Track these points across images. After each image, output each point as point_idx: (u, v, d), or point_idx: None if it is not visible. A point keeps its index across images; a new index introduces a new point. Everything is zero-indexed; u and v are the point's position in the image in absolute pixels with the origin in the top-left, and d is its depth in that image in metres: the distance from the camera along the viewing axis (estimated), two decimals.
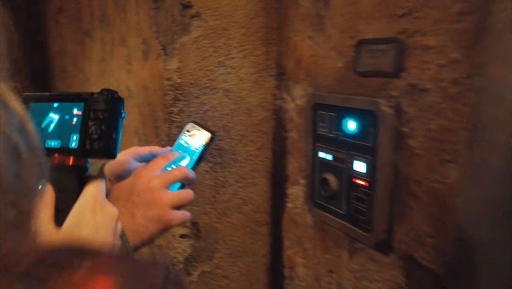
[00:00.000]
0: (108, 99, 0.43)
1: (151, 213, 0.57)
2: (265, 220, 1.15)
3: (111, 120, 0.42)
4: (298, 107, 1.03)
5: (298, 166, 1.05)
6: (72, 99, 0.43)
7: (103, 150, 0.42)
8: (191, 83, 0.98)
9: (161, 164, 0.62)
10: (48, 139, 0.42)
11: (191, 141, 0.68)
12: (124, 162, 0.66)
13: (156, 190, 0.58)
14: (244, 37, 1.03)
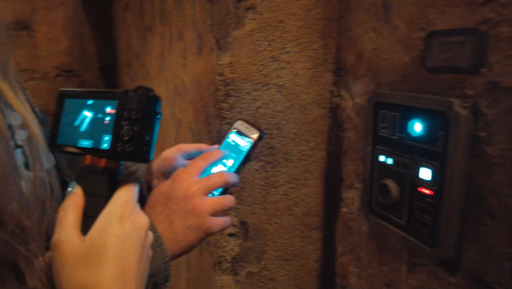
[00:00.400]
0: (142, 98, 0.39)
1: (190, 221, 0.54)
2: (316, 224, 1.09)
3: (144, 121, 0.39)
4: (357, 106, 0.95)
5: (355, 168, 0.97)
6: (106, 97, 0.40)
7: (135, 153, 0.38)
8: (243, 79, 0.94)
9: (200, 165, 0.58)
10: (81, 139, 0.40)
11: (238, 140, 0.64)
12: (171, 158, 0.64)
13: (195, 197, 0.55)
14: (300, 30, 0.98)
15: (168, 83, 1.50)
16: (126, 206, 0.37)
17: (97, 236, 0.35)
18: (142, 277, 0.38)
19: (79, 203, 0.37)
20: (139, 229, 0.38)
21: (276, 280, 1.08)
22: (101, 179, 0.39)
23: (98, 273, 0.34)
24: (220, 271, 1.03)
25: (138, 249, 0.37)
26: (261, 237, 1.04)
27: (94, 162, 0.39)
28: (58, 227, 0.35)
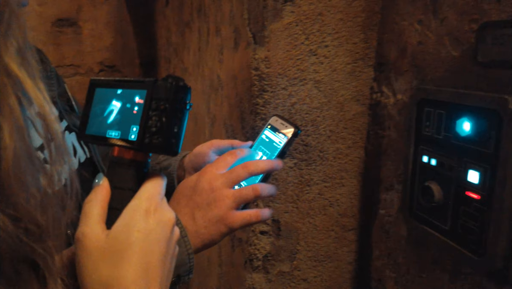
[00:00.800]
0: (172, 87, 0.37)
1: (211, 214, 0.53)
2: (352, 225, 1.05)
3: (173, 112, 0.37)
4: (400, 103, 0.90)
5: (395, 169, 0.93)
6: (136, 86, 0.38)
7: (162, 145, 0.36)
8: (279, 74, 0.92)
9: (228, 161, 0.57)
10: (109, 129, 0.38)
11: (273, 136, 0.62)
12: (204, 154, 0.63)
13: (217, 190, 0.54)
14: (340, 23, 0.94)
15: (205, 78, 1.50)
16: (152, 200, 0.36)
17: (121, 230, 0.34)
18: (167, 274, 0.36)
19: (105, 196, 0.36)
20: (164, 224, 0.36)
21: (308, 280, 1.05)
22: (128, 171, 0.38)
23: (121, 270, 0.33)
24: (251, 268, 1.01)
25: (163, 245, 0.36)
26: (294, 236, 1.01)
27: (122, 153, 0.38)
28: (82, 220, 0.35)
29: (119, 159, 0.38)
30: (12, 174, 0.24)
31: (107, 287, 0.32)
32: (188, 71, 1.84)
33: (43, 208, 0.26)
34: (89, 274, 0.33)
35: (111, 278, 0.32)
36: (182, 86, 0.38)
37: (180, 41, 2.03)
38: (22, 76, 0.25)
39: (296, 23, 0.91)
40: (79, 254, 0.33)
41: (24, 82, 0.25)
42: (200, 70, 1.56)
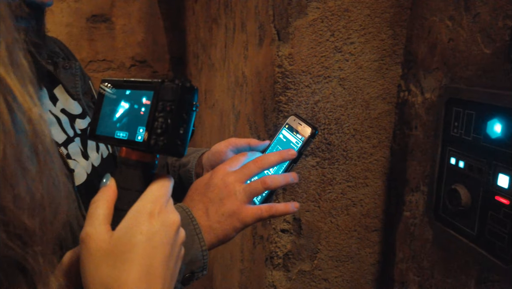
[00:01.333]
0: (178, 88, 0.37)
1: (224, 208, 0.53)
2: (375, 226, 1.02)
3: (179, 113, 0.37)
4: (428, 102, 0.87)
5: (421, 170, 0.90)
6: (143, 87, 0.38)
7: (167, 146, 0.36)
8: (303, 71, 0.90)
9: (240, 160, 0.58)
10: (117, 130, 0.39)
11: (290, 137, 0.61)
12: (222, 152, 0.64)
13: (230, 185, 0.54)
14: (368, 19, 0.91)
15: (230, 74, 1.50)
16: (157, 202, 0.36)
17: (124, 232, 0.34)
18: (170, 277, 0.36)
19: (111, 196, 0.36)
20: (168, 227, 0.36)
21: (329, 280, 1.04)
22: (135, 172, 0.38)
23: (123, 272, 0.33)
24: (272, 266, 1.01)
25: (167, 248, 0.35)
26: (315, 236, 1.00)
27: (129, 154, 0.38)
28: (87, 220, 0.35)
29: (126, 159, 0.38)
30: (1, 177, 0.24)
31: (109, 288, 0.32)
32: (215, 67, 1.85)
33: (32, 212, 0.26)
34: (91, 275, 0.33)
35: (113, 279, 0.32)
36: (189, 88, 0.38)
37: (208, 37, 2.04)
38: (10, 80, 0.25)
39: (321, 19, 0.89)
40: (83, 254, 0.33)
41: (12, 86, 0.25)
42: (226, 66, 1.57)
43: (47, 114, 0.55)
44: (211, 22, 1.92)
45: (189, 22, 2.76)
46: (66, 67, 0.59)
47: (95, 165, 0.58)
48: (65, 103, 0.58)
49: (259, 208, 0.55)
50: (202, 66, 2.28)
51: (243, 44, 1.28)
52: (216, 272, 1.95)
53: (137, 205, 0.36)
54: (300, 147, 0.59)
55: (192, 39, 2.67)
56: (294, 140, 0.60)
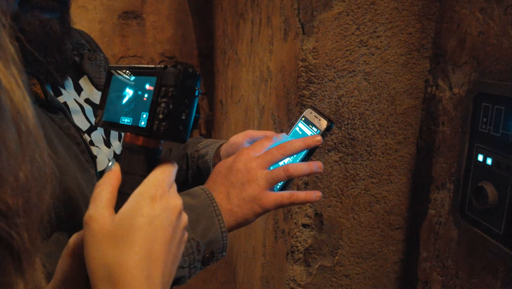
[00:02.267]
0: (180, 74, 0.37)
1: (245, 193, 0.54)
2: (399, 224, 1.01)
3: (181, 99, 0.37)
4: (456, 97, 0.85)
5: (447, 167, 0.87)
6: (147, 73, 0.39)
7: (169, 131, 0.37)
8: (327, 65, 0.90)
9: (265, 144, 0.58)
10: (122, 116, 0.39)
11: (305, 129, 0.61)
12: (239, 144, 0.65)
13: (252, 170, 0.54)
14: (395, 12, 0.89)
15: (255, 69, 1.50)
16: (159, 186, 0.36)
17: (126, 215, 0.35)
18: (171, 261, 0.37)
19: (116, 180, 0.37)
20: (170, 211, 0.36)
21: (350, 277, 1.03)
22: (139, 157, 0.38)
23: (123, 254, 0.33)
24: (293, 260, 1.01)
25: (168, 232, 0.36)
26: (337, 231, 0.99)
27: (133, 140, 0.38)
28: (91, 203, 0.36)
29: (131, 145, 0.38)
30: None
31: (110, 270, 0.33)
32: (241, 62, 1.86)
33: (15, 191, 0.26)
34: (93, 257, 0.34)
35: (114, 261, 0.33)
36: (191, 73, 0.38)
37: (235, 33, 2.05)
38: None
39: (347, 12, 0.88)
40: (86, 236, 0.34)
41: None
42: (252, 61, 1.58)
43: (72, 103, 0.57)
44: (238, 17, 1.93)
45: (217, 18, 2.79)
46: (91, 58, 0.61)
47: (117, 152, 0.60)
48: (89, 93, 0.60)
49: (281, 195, 0.55)
50: (229, 61, 2.30)
51: (269, 38, 1.28)
52: (239, 266, 1.97)
53: (139, 188, 0.36)
54: None
55: (220, 35, 2.69)
56: (309, 133, 0.60)
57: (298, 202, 0.56)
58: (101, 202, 0.36)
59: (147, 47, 3.40)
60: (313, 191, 0.57)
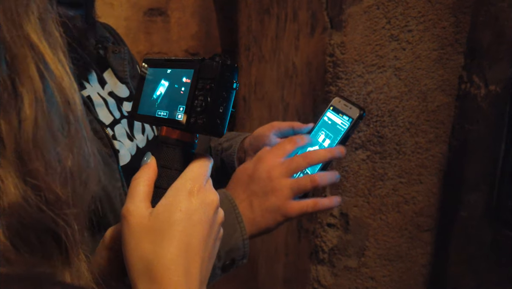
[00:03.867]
0: (218, 66, 0.36)
1: (268, 203, 0.52)
2: (428, 225, 0.97)
3: (219, 92, 0.36)
4: (492, 94, 0.81)
5: (482, 168, 0.83)
6: (183, 66, 0.38)
7: (207, 125, 0.36)
8: (355, 60, 0.87)
9: (287, 149, 0.55)
10: (158, 109, 0.39)
11: (335, 118, 0.58)
12: (264, 136, 0.62)
13: (275, 179, 0.52)
14: (428, 5, 0.86)
15: (280, 65, 1.49)
16: (196, 181, 0.36)
17: (164, 209, 0.34)
18: (208, 256, 0.36)
19: (152, 174, 0.37)
20: (207, 206, 0.36)
21: (376, 279, 1.00)
22: (175, 151, 0.38)
23: (162, 248, 0.33)
24: (316, 260, 0.99)
25: (205, 227, 0.35)
26: (363, 232, 0.97)
27: (169, 133, 0.38)
28: (128, 197, 0.36)
29: (166, 138, 0.38)
30: (32, 144, 0.24)
31: (148, 264, 0.33)
32: (265, 59, 1.85)
33: (63, 181, 0.26)
34: (132, 250, 0.33)
35: (153, 255, 0.33)
36: (229, 66, 0.37)
37: (260, 29, 2.04)
38: (43, 47, 0.25)
39: (377, 6, 0.85)
40: (124, 230, 0.34)
41: (45, 53, 0.25)
42: (276, 57, 1.56)
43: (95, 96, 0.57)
44: (263, 13, 1.91)
45: (242, 14, 2.78)
46: (115, 51, 0.61)
47: (140, 146, 0.60)
48: (113, 86, 0.60)
49: (306, 204, 0.53)
50: (253, 58, 2.29)
51: (295, 34, 1.26)
52: (261, 265, 1.96)
53: (177, 183, 0.36)
54: (348, 128, 0.56)
55: (244, 31, 2.68)
56: (340, 122, 0.57)
57: (322, 209, 0.55)
58: (138, 196, 0.35)
59: (171, 44, 3.42)
60: (334, 197, 0.56)
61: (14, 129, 0.24)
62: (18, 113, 0.24)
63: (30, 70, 0.24)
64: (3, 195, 0.23)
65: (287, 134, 0.62)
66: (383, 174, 0.93)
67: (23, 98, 0.24)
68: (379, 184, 0.94)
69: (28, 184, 0.24)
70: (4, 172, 0.23)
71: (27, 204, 0.24)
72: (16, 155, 0.24)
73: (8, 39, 0.23)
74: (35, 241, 0.25)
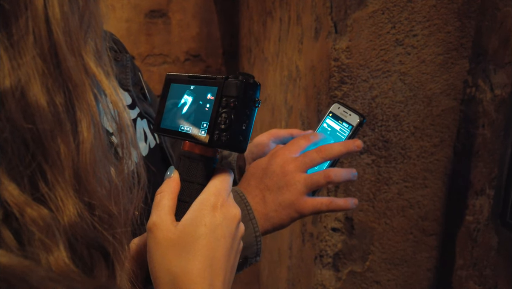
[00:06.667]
0: (242, 85, 0.37)
1: (282, 198, 0.52)
2: (434, 230, 0.97)
3: (242, 109, 0.37)
4: (497, 99, 0.81)
5: (487, 172, 0.83)
6: (207, 83, 0.39)
7: (230, 142, 0.37)
8: (361, 65, 0.87)
9: (301, 144, 0.54)
10: (182, 124, 0.40)
11: (335, 126, 0.58)
12: (264, 144, 0.63)
13: (289, 174, 0.52)
14: (433, 10, 0.86)
15: (283, 69, 1.49)
16: (219, 196, 0.37)
17: (189, 223, 0.35)
18: (230, 270, 0.37)
19: (175, 188, 0.38)
20: (230, 220, 0.37)
21: (381, 283, 1.00)
22: (197, 165, 0.39)
23: (188, 262, 0.34)
24: (321, 265, 0.99)
25: (228, 241, 0.36)
26: (368, 236, 0.97)
27: (192, 148, 0.39)
28: (153, 210, 0.36)
29: (189, 153, 0.39)
30: (89, 165, 0.26)
31: (175, 277, 0.34)
32: (268, 61, 1.85)
33: (115, 198, 0.28)
34: (158, 263, 0.34)
35: (179, 269, 0.34)
36: (252, 84, 0.38)
37: (262, 31, 2.04)
38: (98, 74, 0.27)
39: (382, 11, 0.85)
40: (150, 244, 0.35)
41: (100, 80, 0.27)
42: (279, 60, 1.56)
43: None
44: (265, 15, 1.91)
45: (243, 16, 2.78)
46: (118, 59, 0.61)
47: (143, 154, 0.60)
48: None
49: (320, 201, 0.53)
50: (255, 60, 2.29)
51: (298, 37, 1.26)
52: (263, 267, 1.96)
53: (200, 197, 0.37)
54: (348, 136, 0.56)
55: (246, 33, 2.68)
56: (339, 128, 0.57)
57: (336, 209, 0.54)
58: (163, 209, 0.36)
59: (172, 46, 3.42)
60: (350, 198, 0.55)
61: (73, 152, 0.25)
62: (76, 137, 0.25)
63: (88, 96, 0.26)
64: (64, 215, 0.24)
65: (286, 141, 0.62)
66: (388, 178, 0.93)
67: (82, 122, 0.26)
68: (384, 188, 0.94)
69: (84, 203, 0.26)
70: (64, 192, 0.25)
71: (84, 223, 0.25)
72: (74, 176, 0.25)
73: (70, 68, 0.25)
74: (86, 258, 0.26)
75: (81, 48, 0.26)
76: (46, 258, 0.23)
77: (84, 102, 0.26)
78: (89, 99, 0.26)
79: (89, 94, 0.26)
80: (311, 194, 0.54)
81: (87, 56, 0.26)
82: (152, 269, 0.35)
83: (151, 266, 0.35)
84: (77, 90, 0.25)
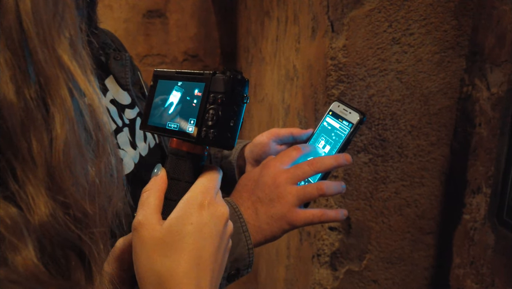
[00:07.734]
0: (229, 80, 0.36)
1: (274, 210, 0.52)
2: (431, 228, 0.97)
3: (230, 105, 0.36)
4: (494, 97, 0.81)
5: (484, 170, 0.83)
6: (195, 79, 0.38)
7: (217, 138, 0.36)
8: (357, 63, 0.87)
9: (293, 156, 0.55)
10: (169, 121, 0.39)
11: (335, 124, 0.58)
12: (264, 144, 0.62)
13: (281, 186, 0.52)
14: (430, 9, 0.86)
15: (281, 68, 1.48)
16: (206, 194, 0.36)
17: (175, 222, 0.34)
18: (218, 269, 0.36)
19: (162, 186, 0.37)
20: (218, 219, 0.36)
21: (379, 282, 1.00)
22: (185, 163, 0.38)
23: (173, 262, 0.33)
24: (319, 264, 0.99)
25: (216, 240, 0.35)
26: (365, 235, 0.97)
27: (179, 145, 0.38)
28: (139, 209, 0.36)
29: (177, 150, 0.38)
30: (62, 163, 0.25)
31: (160, 277, 0.33)
32: (265, 61, 1.85)
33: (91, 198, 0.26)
34: (143, 262, 0.33)
35: (164, 268, 0.33)
36: (240, 80, 0.37)
37: (259, 30, 2.04)
38: (73, 68, 0.26)
39: (379, 9, 0.85)
40: (135, 243, 0.34)
41: (75, 74, 0.26)
42: (277, 60, 1.56)
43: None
44: (263, 15, 1.91)
45: (241, 16, 2.78)
46: (117, 58, 0.60)
47: (143, 154, 0.59)
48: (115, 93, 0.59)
49: (311, 213, 0.53)
50: (252, 60, 2.29)
51: (295, 36, 1.26)
52: (261, 267, 1.96)
53: (187, 195, 0.36)
54: (348, 134, 0.56)
55: (243, 33, 2.68)
56: (340, 128, 0.57)
57: (328, 220, 0.54)
58: (149, 208, 0.35)
59: (170, 46, 3.42)
60: (340, 210, 0.56)
61: (45, 148, 0.24)
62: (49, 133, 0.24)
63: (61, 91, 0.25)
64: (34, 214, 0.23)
65: (286, 141, 0.62)
66: (385, 177, 0.93)
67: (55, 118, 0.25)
68: (381, 187, 0.94)
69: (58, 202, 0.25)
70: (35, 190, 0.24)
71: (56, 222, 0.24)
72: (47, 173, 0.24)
73: (42, 61, 0.24)
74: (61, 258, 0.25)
75: (54, 40, 0.25)
76: (13, 258, 0.23)
77: (57, 97, 0.25)
78: (63, 94, 0.25)
79: (63, 88, 0.25)
80: (302, 206, 0.55)
81: (61, 49, 0.25)
82: (137, 269, 0.34)
83: (136, 266, 0.34)
84: (50, 84, 0.24)
